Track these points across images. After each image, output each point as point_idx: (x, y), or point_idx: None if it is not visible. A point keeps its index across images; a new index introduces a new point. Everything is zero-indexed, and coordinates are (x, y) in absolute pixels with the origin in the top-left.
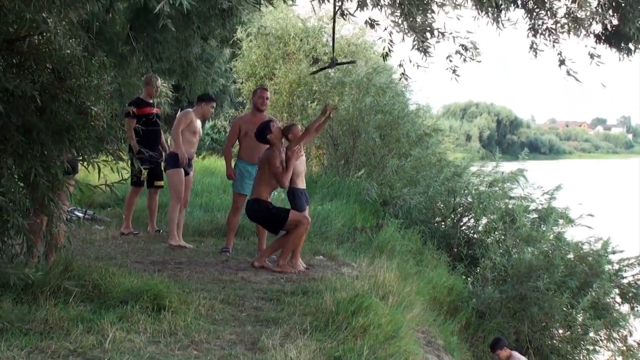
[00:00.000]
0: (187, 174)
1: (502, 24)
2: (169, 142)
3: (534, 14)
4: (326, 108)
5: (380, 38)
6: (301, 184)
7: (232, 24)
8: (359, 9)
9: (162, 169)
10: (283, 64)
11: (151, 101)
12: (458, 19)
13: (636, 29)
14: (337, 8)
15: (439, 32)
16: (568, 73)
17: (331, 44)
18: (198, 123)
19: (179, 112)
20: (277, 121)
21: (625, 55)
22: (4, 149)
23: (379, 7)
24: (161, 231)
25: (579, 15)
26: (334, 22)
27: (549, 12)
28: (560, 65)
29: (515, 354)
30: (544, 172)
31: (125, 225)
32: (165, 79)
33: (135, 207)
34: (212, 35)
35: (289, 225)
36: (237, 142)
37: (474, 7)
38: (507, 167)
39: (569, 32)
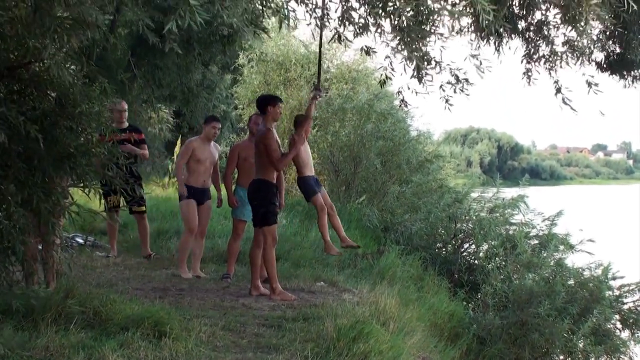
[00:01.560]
0: (200, 203)
1: (502, 52)
2: (170, 169)
3: (531, 42)
4: (314, 89)
5: (381, 66)
6: (309, 172)
7: (233, 50)
8: (358, 35)
9: (140, 194)
10: (284, 90)
11: (123, 126)
12: (442, 48)
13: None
14: (335, 34)
15: (436, 61)
16: (564, 101)
17: (330, 69)
18: (206, 149)
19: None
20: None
21: (630, 83)
22: (5, 176)
23: (379, 32)
24: (152, 256)
25: (578, 44)
26: (320, 47)
27: (545, 40)
28: (556, 94)
29: None
30: (544, 198)
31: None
32: (166, 105)
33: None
34: (213, 61)
35: (260, 233)
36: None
37: (475, 36)
38: (508, 193)
39: (566, 60)
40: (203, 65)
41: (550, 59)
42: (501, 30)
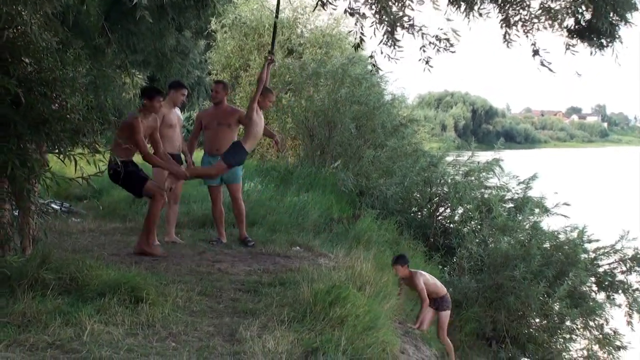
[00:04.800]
0: None
1: (474, 17)
2: None
3: (507, 6)
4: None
5: (351, 31)
6: (249, 146)
7: (207, 16)
8: None
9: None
10: (258, 55)
11: None
12: (436, 8)
13: (609, 24)
14: (318, 1)
15: (409, 25)
16: (542, 63)
17: (304, 34)
18: (173, 114)
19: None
20: (240, 110)
21: (597, 50)
22: None
23: None
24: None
25: (552, 7)
26: (277, 15)
27: (522, 4)
28: (534, 56)
29: (418, 275)
30: (519, 161)
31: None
32: (140, 70)
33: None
34: (187, 26)
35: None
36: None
37: (448, 3)
38: (483, 156)
39: (543, 24)
40: (177, 30)
41: (527, 23)
42: None
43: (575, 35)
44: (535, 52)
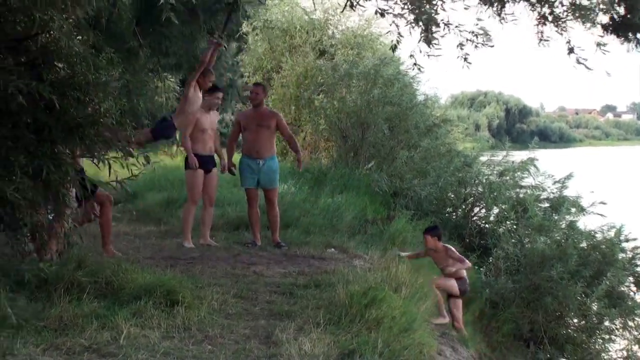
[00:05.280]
0: (207, 171)
1: (505, 18)
2: (177, 137)
3: (540, 4)
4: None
5: (388, 31)
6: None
7: (238, 18)
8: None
9: None
10: (289, 57)
11: None
12: (466, 8)
13: None
14: (347, 2)
15: (444, 24)
16: (578, 61)
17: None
18: (207, 118)
19: None
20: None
21: (634, 47)
22: (15, 147)
23: None
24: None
25: (584, 4)
26: None
27: (553, 3)
28: (569, 54)
29: (448, 249)
30: (554, 160)
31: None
32: (172, 74)
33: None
34: (219, 29)
35: None
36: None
37: (479, 2)
38: (518, 156)
39: (575, 20)
40: (208, 33)
41: (562, 20)
42: None
43: (609, 32)
44: (571, 50)
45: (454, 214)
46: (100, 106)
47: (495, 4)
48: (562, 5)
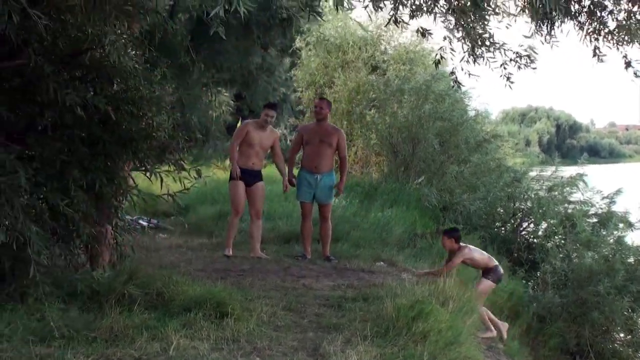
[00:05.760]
0: (249, 185)
1: (555, 37)
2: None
3: (594, 19)
4: None
5: (441, 47)
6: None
7: (292, 34)
8: (414, 17)
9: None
10: (342, 72)
11: None
12: (507, 27)
13: None
14: (392, 17)
15: (491, 42)
16: (635, 75)
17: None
18: (259, 133)
19: (239, 124)
20: (341, 131)
21: None
22: (69, 161)
23: (432, 14)
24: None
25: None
26: None
27: (610, 15)
28: (626, 68)
29: (471, 249)
30: (603, 176)
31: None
32: (226, 88)
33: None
34: (272, 44)
35: None
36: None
37: (529, 19)
38: (567, 171)
39: (630, 37)
40: (262, 48)
41: (618, 34)
42: (554, 13)
43: None
44: (628, 64)
45: (503, 228)
46: (154, 120)
47: (546, 23)
48: (617, 20)
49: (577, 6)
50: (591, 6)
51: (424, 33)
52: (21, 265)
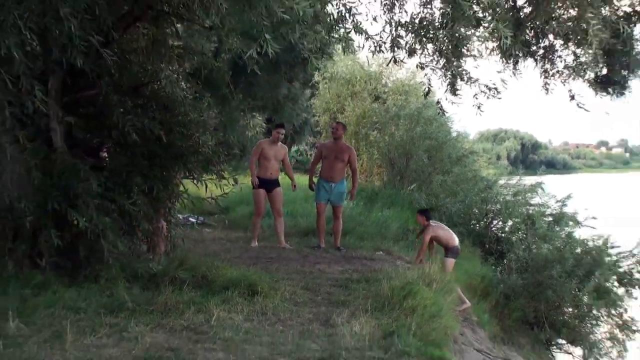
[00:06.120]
0: (269, 191)
1: (519, 72)
2: None
3: (545, 60)
4: None
5: (421, 82)
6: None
7: (311, 70)
8: (409, 57)
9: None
10: (351, 101)
11: None
12: (476, 67)
13: (622, 77)
14: (391, 58)
15: (468, 77)
16: (578, 106)
17: (387, 84)
18: (272, 148)
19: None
20: (352, 149)
21: (616, 97)
22: (132, 171)
23: (424, 55)
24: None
25: (583, 60)
26: None
27: (559, 59)
28: (571, 100)
29: (430, 228)
30: (558, 184)
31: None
32: (259, 113)
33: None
34: (296, 79)
35: None
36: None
37: (499, 58)
38: (529, 180)
39: (579, 73)
40: (288, 82)
41: (562, 75)
42: (518, 52)
43: (595, 86)
44: (572, 97)
45: (477, 225)
46: (200, 139)
47: (512, 60)
48: (561, 62)
49: (534, 47)
50: (544, 50)
51: (422, 67)
52: (95, 253)
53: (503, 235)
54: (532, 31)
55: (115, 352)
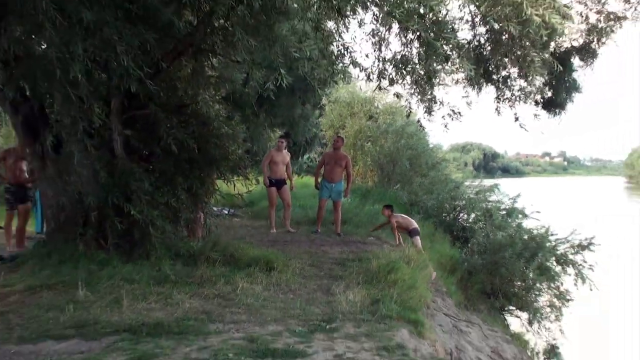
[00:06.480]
0: (279, 188)
1: (482, 95)
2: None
3: (504, 87)
4: None
5: (403, 105)
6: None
7: (319, 95)
8: (391, 85)
9: None
10: (350, 119)
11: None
12: (446, 94)
13: (562, 99)
14: (377, 86)
15: (440, 102)
16: (520, 126)
17: (379, 107)
18: (279, 155)
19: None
20: (348, 157)
21: (557, 115)
22: (176, 172)
23: (403, 84)
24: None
25: (528, 89)
26: None
27: (508, 87)
28: (515, 121)
29: (393, 216)
30: (511, 186)
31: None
32: (279, 129)
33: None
34: (308, 102)
35: None
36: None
37: (467, 84)
38: (488, 182)
39: (523, 100)
40: (302, 104)
41: (511, 100)
42: (481, 81)
43: (541, 107)
44: (516, 119)
45: (447, 217)
46: (229, 149)
47: (476, 86)
48: (513, 89)
49: (495, 76)
50: (502, 78)
51: (397, 95)
52: (146, 237)
53: (467, 225)
54: (493, 64)
55: (161, 315)
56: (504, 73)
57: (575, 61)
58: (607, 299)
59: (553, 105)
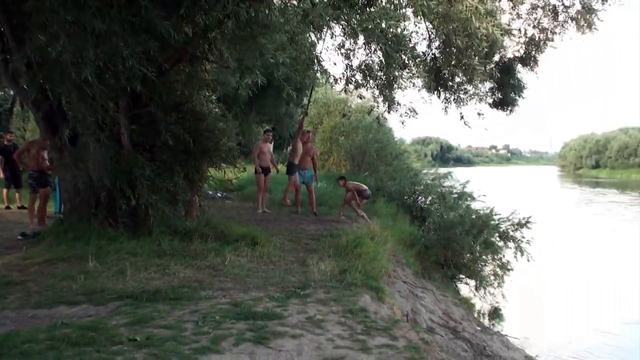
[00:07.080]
0: (266, 175)
1: (437, 97)
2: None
3: (453, 92)
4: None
5: (370, 105)
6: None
7: (302, 96)
8: (357, 89)
9: None
10: (327, 116)
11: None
12: (404, 96)
13: (511, 99)
14: (343, 88)
15: (398, 103)
16: (465, 124)
17: (352, 106)
18: (267, 146)
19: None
20: (316, 148)
21: (508, 112)
22: (174, 161)
23: (366, 87)
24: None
25: (480, 92)
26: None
27: (460, 92)
28: (461, 119)
29: (348, 183)
30: (463, 174)
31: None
32: (267, 124)
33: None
34: (292, 101)
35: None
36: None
37: (424, 88)
38: (443, 171)
39: (467, 102)
40: (286, 104)
41: (463, 101)
42: (437, 86)
43: (494, 106)
44: (462, 117)
45: (408, 199)
46: (221, 141)
47: (435, 92)
48: (465, 92)
49: (450, 82)
50: (456, 84)
51: (360, 97)
52: (148, 217)
53: (425, 206)
54: (447, 72)
55: (159, 283)
56: (457, 80)
57: (520, 67)
58: (541, 270)
59: (504, 104)
